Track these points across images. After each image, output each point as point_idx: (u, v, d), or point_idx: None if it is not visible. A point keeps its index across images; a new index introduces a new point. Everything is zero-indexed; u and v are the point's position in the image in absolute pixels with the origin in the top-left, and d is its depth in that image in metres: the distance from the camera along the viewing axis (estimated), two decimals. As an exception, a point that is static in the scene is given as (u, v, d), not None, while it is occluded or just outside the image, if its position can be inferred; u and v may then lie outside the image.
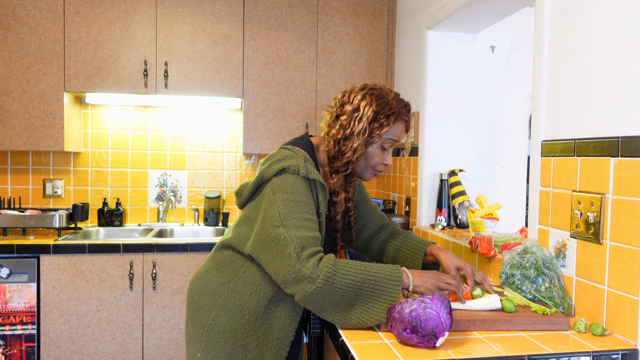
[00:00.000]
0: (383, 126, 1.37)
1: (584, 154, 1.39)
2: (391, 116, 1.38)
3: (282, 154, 1.34)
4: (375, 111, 1.37)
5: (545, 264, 1.46)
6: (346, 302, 1.24)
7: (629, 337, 1.22)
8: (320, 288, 1.20)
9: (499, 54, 3.10)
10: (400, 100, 1.44)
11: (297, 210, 1.27)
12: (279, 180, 1.30)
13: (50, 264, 2.52)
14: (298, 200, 1.28)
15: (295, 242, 1.23)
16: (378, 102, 1.38)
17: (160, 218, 3.16)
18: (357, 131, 1.36)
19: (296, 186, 1.29)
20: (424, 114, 2.63)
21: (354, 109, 1.38)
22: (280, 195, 1.28)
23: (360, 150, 1.37)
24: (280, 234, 1.25)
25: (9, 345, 2.51)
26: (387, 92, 1.43)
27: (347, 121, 1.37)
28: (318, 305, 1.25)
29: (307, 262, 1.22)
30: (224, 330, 1.37)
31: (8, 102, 2.72)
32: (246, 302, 1.37)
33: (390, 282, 1.24)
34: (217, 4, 2.89)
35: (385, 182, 3.31)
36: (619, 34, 1.29)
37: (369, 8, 3.06)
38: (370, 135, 1.37)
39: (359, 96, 1.39)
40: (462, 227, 2.50)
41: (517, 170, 3.16)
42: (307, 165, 1.32)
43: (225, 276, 1.41)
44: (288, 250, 1.23)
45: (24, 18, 2.72)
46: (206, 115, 3.26)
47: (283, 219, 1.26)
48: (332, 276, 1.21)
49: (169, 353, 2.66)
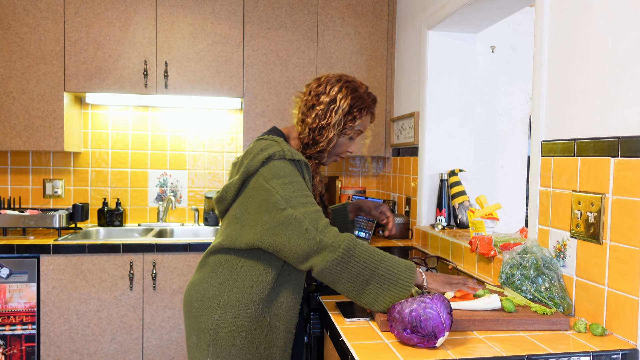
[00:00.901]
0: (356, 119, 1.46)
1: (584, 154, 1.39)
2: (363, 109, 1.47)
3: (261, 145, 1.38)
4: (350, 104, 1.44)
5: (545, 264, 1.46)
6: (362, 278, 1.27)
7: (629, 337, 1.22)
8: (341, 257, 1.25)
9: (499, 54, 3.10)
10: (370, 94, 1.52)
11: (297, 190, 1.32)
12: (268, 168, 1.34)
13: (50, 264, 2.52)
14: (293, 181, 1.33)
15: (308, 218, 1.28)
16: (353, 96, 1.45)
17: (160, 218, 3.16)
18: (333, 122, 1.43)
19: (287, 169, 1.34)
20: (424, 114, 2.63)
21: (330, 101, 1.44)
22: (276, 181, 1.32)
23: (334, 140, 1.45)
24: (291, 214, 1.28)
25: (9, 345, 2.51)
26: (359, 84, 1.51)
27: (323, 112, 1.44)
28: (335, 277, 1.28)
29: (326, 232, 1.28)
30: (231, 328, 1.37)
31: (8, 102, 2.72)
32: (249, 294, 1.38)
33: (405, 269, 1.28)
34: (217, 4, 2.89)
35: (385, 182, 3.31)
36: (619, 34, 1.29)
37: (369, 8, 3.06)
38: (344, 127, 1.45)
39: (336, 88, 1.45)
40: (462, 227, 2.50)
41: (517, 170, 3.16)
42: (290, 148, 1.37)
43: (223, 276, 1.41)
44: (304, 226, 1.27)
45: (24, 18, 2.72)
46: (206, 115, 3.26)
47: (287, 201, 1.29)
48: (352, 248, 1.26)
49: (169, 353, 2.66)
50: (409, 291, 1.26)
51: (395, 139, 3.03)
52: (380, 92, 3.09)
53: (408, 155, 2.87)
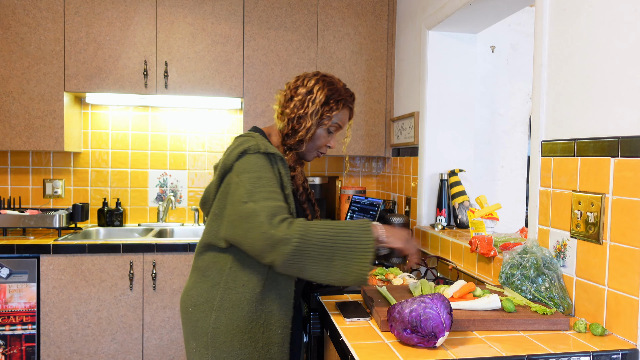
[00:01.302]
0: (333, 110, 1.50)
1: (584, 154, 1.39)
2: (340, 102, 1.51)
3: (238, 142, 1.42)
4: (327, 95, 1.49)
5: (545, 264, 1.46)
6: (325, 257, 1.27)
7: (629, 337, 1.22)
8: (297, 247, 1.24)
9: (499, 54, 3.10)
10: (347, 89, 1.56)
11: (263, 185, 1.33)
12: (241, 162, 1.36)
13: (50, 264, 2.52)
14: (262, 176, 1.35)
15: (266, 211, 1.28)
16: (330, 88, 1.50)
17: (160, 218, 3.16)
18: (310, 112, 1.48)
19: (259, 164, 1.36)
20: (424, 114, 2.63)
21: (308, 92, 1.49)
22: (245, 175, 1.34)
23: (312, 130, 1.49)
24: (250, 207, 1.29)
25: (9, 345, 2.51)
26: (337, 80, 1.56)
27: (301, 102, 1.49)
28: (299, 266, 1.28)
29: (279, 226, 1.26)
30: (227, 329, 1.38)
31: (8, 102, 2.72)
32: (242, 294, 1.39)
33: (362, 231, 1.29)
34: (217, 4, 2.89)
35: (385, 182, 3.31)
36: (618, 34, 1.29)
37: (369, 8, 3.06)
38: (321, 117, 1.49)
39: (313, 81, 1.51)
40: (462, 227, 2.50)
41: (517, 170, 3.16)
42: (264, 142, 1.40)
43: (214, 278, 1.43)
44: (259, 219, 1.27)
45: (24, 18, 2.72)
46: (206, 115, 3.26)
47: (250, 194, 1.31)
48: (304, 233, 1.26)
49: (169, 353, 2.66)
50: (372, 251, 1.28)
51: (395, 139, 3.03)
52: (380, 92, 3.09)
53: (408, 155, 2.87)
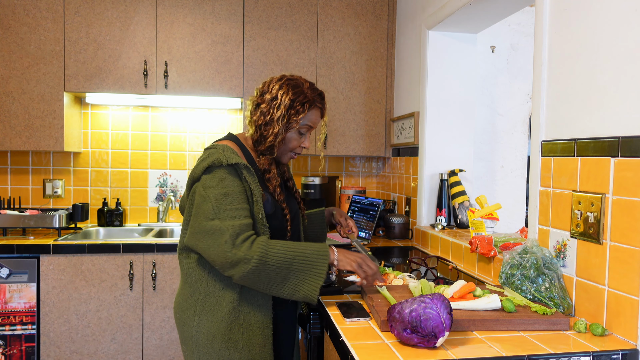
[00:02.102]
0: (299, 113, 1.50)
1: (584, 154, 1.39)
2: (306, 104, 1.50)
3: (205, 154, 1.46)
4: (291, 99, 1.49)
5: (545, 264, 1.46)
6: (280, 277, 1.36)
7: (629, 337, 1.22)
8: (255, 267, 1.33)
9: (499, 54, 3.10)
10: (314, 89, 1.55)
11: (229, 202, 1.38)
12: (209, 177, 1.40)
13: (50, 264, 2.52)
14: (229, 192, 1.39)
15: (231, 231, 1.34)
16: (294, 91, 1.50)
17: (160, 218, 3.16)
18: (276, 117, 1.48)
19: (225, 180, 1.39)
20: (424, 114, 2.63)
21: (272, 98, 1.50)
22: (212, 191, 1.38)
23: (280, 134, 1.49)
24: (216, 225, 1.35)
25: (9, 345, 2.51)
26: (303, 82, 1.55)
27: (267, 109, 1.50)
28: (255, 282, 1.36)
29: (241, 246, 1.34)
30: (208, 332, 1.43)
31: (8, 102, 2.72)
32: (221, 297, 1.44)
33: (318, 256, 1.38)
34: (217, 4, 2.89)
35: (385, 182, 3.31)
36: (618, 34, 1.29)
37: (369, 8, 3.06)
38: (289, 121, 1.49)
39: (277, 86, 1.51)
40: (462, 227, 2.50)
41: (517, 170, 3.16)
42: (227, 154, 1.41)
43: (194, 284, 1.48)
44: (224, 238, 1.34)
45: (24, 18, 2.72)
46: (206, 115, 3.26)
47: (217, 212, 1.36)
48: (264, 255, 1.33)
49: (169, 353, 2.66)
50: (323, 276, 1.37)
51: (395, 139, 3.03)
52: (380, 92, 3.09)
53: (408, 155, 2.87)
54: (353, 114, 3.06)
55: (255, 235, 1.38)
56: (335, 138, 3.05)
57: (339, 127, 3.05)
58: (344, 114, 3.05)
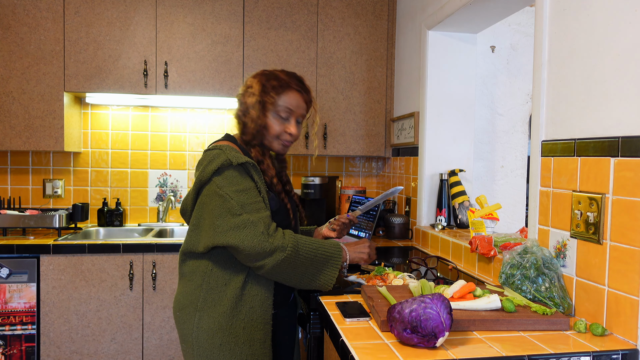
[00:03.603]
0: (272, 94, 1.50)
1: (584, 154, 1.39)
2: (279, 86, 1.51)
3: (209, 156, 1.45)
4: (263, 84, 1.51)
5: (545, 264, 1.46)
6: (304, 266, 1.46)
7: (629, 337, 1.22)
8: (289, 255, 1.41)
9: (499, 54, 3.10)
10: (290, 73, 1.57)
11: (250, 197, 1.42)
12: (220, 178, 1.42)
13: (50, 264, 2.52)
14: (246, 188, 1.43)
15: (262, 222, 1.40)
16: (267, 77, 1.53)
17: (160, 218, 3.16)
18: (251, 103, 1.51)
19: (238, 178, 1.43)
20: (424, 114, 2.63)
21: (247, 87, 1.54)
22: (230, 189, 1.41)
23: (259, 119, 1.50)
24: (246, 218, 1.39)
25: (8, 345, 2.51)
26: (279, 71, 1.57)
27: (244, 98, 1.54)
28: (282, 271, 1.43)
29: (276, 235, 1.41)
30: (209, 327, 1.43)
31: (8, 102, 2.72)
32: (224, 292, 1.44)
33: (335, 249, 1.53)
34: (217, 4, 2.89)
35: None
36: (618, 34, 1.29)
37: (369, 8, 3.06)
38: (264, 105, 1.50)
39: (252, 77, 1.56)
40: (462, 227, 2.50)
41: (517, 170, 3.16)
42: (233, 154, 1.43)
43: (196, 281, 1.48)
44: (260, 229, 1.38)
45: (24, 18, 2.72)
46: (206, 115, 3.26)
47: (242, 207, 1.40)
48: (296, 244, 1.43)
49: (169, 353, 2.66)
50: (339, 266, 1.52)
51: (395, 139, 3.03)
52: (380, 92, 3.09)
53: (408, 155, 2.87)
54: (353, 114, 3.06)
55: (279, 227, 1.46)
56: (335, 138, 3.05)
57: (339, 127, 3.05)
58: (344, 114, 3.05)
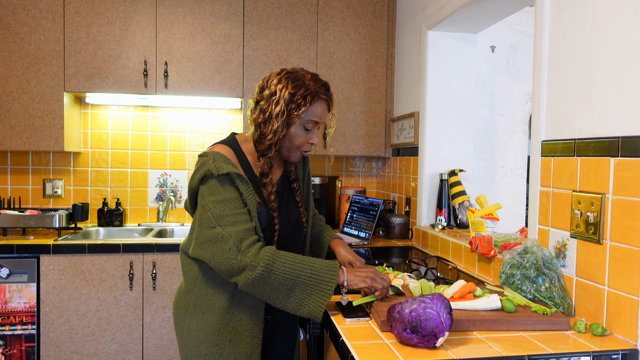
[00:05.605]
0: (300, 107, 1.40)
1: (584, 154, 1.39)
2: (308, 96, 1.40)
3: (198, 164, 1.41)
4: (291, 93, 1.39)
5: (545, 264, 1.46)
6: (285, 288, 1.31)
7: (629, 337, 1.22)
8: (261, 275, 1.29)
9: (499, 54, 3.10)
10: (317, 80, 1.45)
11: (228, 208, 1.34)
12: (205, 186, 1.37)
13: (50, 264, 2.52)
14: (226, 199, 1.35)
15: (234, 237, 1.31)
16: (294, 84, 1.40)
17: (160, 218, 3.16)
18: (275, 114, 1.39)
19: (220, 187, 1.36)
20: (424, 114, 2.63)
21: (271, 94, 1.41)
22: (209, 199, 1.35)
23: (280, 131, 1.40)
24: (218, 232, 1.32)
25: (8, 345, 2.51)
26: (304, 74, 1.45)
27: (266, 105, 1.41)
28: (260, 291, 1.33)
29: (247, 252, 1.31)
30: (197, 335, 1.42)
31: (8, 102, 2.72)
32: (212, 301, 1.42)
33: (327, 272, 1.33)
34: (217, 4, 2.89)
35: (385, 182, 3.31)
36: (618, 34, 1.29)
37: (369, 8, 3.06)
38: (289, 117, 1.40)
39: (275, 80, 1.43)
40: (462, 227, 2.50)
41: (517, 170, 3.16)
42: (217, 164, 1.36)
43: (189, 284, 1.48)
44: (228, 245, 1.31)
45: (24, 18, 2.72)
46: (206, 115, 3.26)
47: (217, 219, 1.33)
48: (271, 263, 1.30)
49: (169, 353, 2.66)
50: (330, 292, 1.32)
51: (395, 139, 3.03)
52: (380, 92, 3.09)
53: (408, 155, 2.87)
54: (353, 114, 3.06)
55: (260, 242, 1.35)
56: (335, 138, 3.05)
57: (339, 127, 3.05)
58: (344, 114, 3.05)
